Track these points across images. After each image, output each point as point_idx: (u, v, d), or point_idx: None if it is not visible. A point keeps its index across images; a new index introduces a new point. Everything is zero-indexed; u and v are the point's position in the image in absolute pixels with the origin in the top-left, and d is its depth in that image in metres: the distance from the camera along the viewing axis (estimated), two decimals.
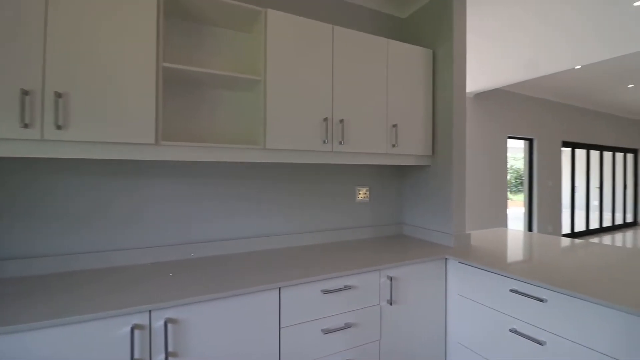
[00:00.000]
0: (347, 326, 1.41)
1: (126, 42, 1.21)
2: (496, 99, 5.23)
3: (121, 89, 1.21)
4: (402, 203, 2.29)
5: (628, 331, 1.03)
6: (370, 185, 2.17)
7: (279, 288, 1.27)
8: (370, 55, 1.76)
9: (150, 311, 1.05)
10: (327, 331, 1.36)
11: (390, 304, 1.53)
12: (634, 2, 2.30)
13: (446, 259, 1.72)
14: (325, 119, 1.60)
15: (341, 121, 1.65)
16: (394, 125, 1.83)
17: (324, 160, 1.66)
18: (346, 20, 2.08)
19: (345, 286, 1.41)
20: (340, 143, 1.65)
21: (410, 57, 1.92)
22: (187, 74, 1.42)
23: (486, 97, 5.08)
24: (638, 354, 1.01)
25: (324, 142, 1.61)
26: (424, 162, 2.02)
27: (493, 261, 1.56)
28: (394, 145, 1.84)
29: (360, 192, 2.13)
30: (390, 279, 1.53)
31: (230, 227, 1.71)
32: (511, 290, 1.37)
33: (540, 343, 1.26)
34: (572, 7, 2.37)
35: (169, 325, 1.08)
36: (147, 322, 1.05)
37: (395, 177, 2.27)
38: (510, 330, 1.37)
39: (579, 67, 3.88)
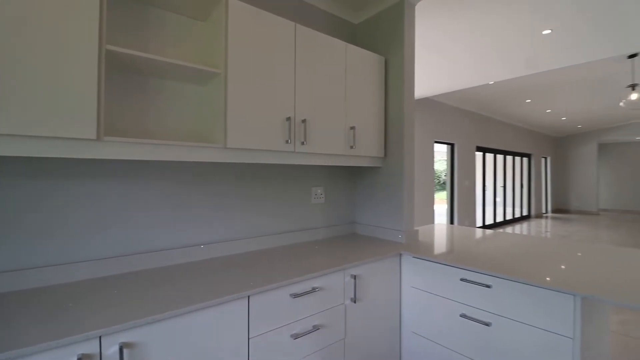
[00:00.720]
0: (316, 328, 1.40)
1: (62, 16, 1.01)
2: (425, 107, 5.77)
3: (56, 71, 1.00)
4: (355, 202, 2.36)
5: (560, 308, 1.22)
6: (325, 186, 2.19)
7: (248, 296, 1.19)
8: (331, 57, 1.78)
9: (100, 337, 0.90)
10: (296, 336, 1.33)
11: (354, 302, 1.57)
12: (543, 30, 2.75)
13: (401, 254, 1.82)
14: (288, 119, 1.57)
15: (303, 121, 1.63)
16: (352, 128, 1.88)
17: (287, 161, 1.62)
18: (305, 20, 2.07)
19: (313, 288, 1.40)
20: (303, 143, 1.63)
21: (366, 63, 1.99)
22: (135, 61, 1.25)
23: (417, 104, 5.56)
24: (568, 327, 1.20)
25: (287, 142, 1.57)
26: (378, 163, 2.12)
27: (443, 254, 1.71)
28: (351, 147, 1.89)
29: (316, 193, 2.13)
30: (354, 277, 1.57)
31: (185, 234, 1.56)
32: (461, 279, 1.52)
33: (487, 324, 1.42)
34: (483, 34, 2.73)
35: (125, 351, 0.93)
36: (98, 350, 0.89)
37: (349, 177, 2.33)
38: (461, 316, 1.52)
39: (492, 82, 4.49)
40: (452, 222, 6.56)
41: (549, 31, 2.77)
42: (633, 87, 4.80)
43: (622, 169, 10.47)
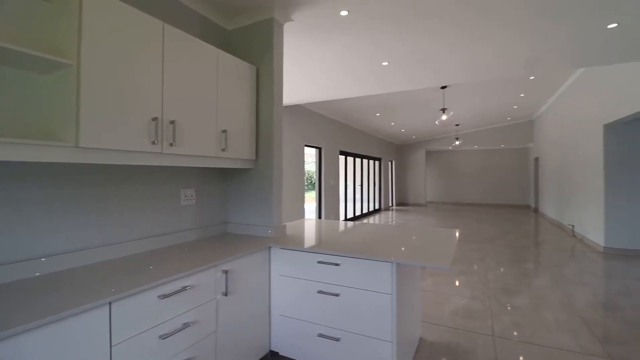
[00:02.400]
0: (186, 326, 1.44)
1: None
2: (298, 113, 6.25)
3: None
4: (227, 203, 2.44)
5: (384, 273, 1.65)
6: (196, 188, 2.19)
7: (109, 303, 1.15)
8: (203, 61, 1.82)
9: None
10: (165, 336, 1.34)
11: (226, 295, 1.67)
12: (382, 61, 3.46)
13: (270, 247, 2.02)
14: (155, 119, 1.54)
15: (172, 122, 1.62)
16: (224, 131, 1.97)
17: (153, 162, 1.58)
18: (176, 20, 2.02)
19: (183, 287, 1.43)
20: (171, 145, 1.63)
21: (239, 70, 2.11)
22: None
23: (290, 110, 5.97)
24: (388, 286, 1.64)
25: (154, 142, 1.54)
26: (249, 165, 2.26)
27: (305, 243, 2.00)
28: (223, 150, 1.97)
29: (186, 195, 2.11)
30: (226, 272, 1.67)
31: (38, 243, 1.32)
32: (318, 262, 1.83)
33: (336, 295, 1.77)
34: (338, 59, 3.27)
35: None
36: None
37: (221, 178, 2.39)
38: (318, 292, 1.83)
39: (351, 97, 5.27)
40: (320, 217, 7.31)
41: (387, 63, 3.52)
42: (443, 110, 6.49)
43: (441, 171, 13.84)
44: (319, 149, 7.34)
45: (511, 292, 3.41)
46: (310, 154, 7.27)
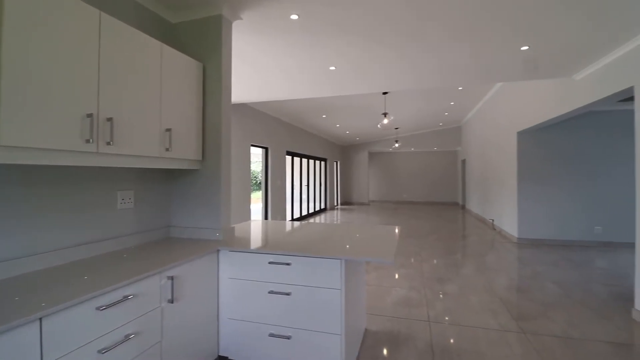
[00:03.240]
0: (128, 338, 1.35)
1: None
2: (244, 112, 6.11)
3: None
4: (171, 206, 2.31)
5: (333, 270, 1.73)
6: (135, 190, 2.05)
7: (40, 319, 1.03)
8: (145, 56, 1.71)
9: None
10: (105, 350, 1.24)
11: (172, 302, 1.60)
12: (330, 66, 3.57)
13: (218, 250, 1.98)
14: (90, 115, 1.41)
15: (110, 119, 1.50)
16: (168, 130, 1.87)
17: (87, 163, 1.44)
18: (114, 9, 1.86)
19: (124, 297, 1.34)
20: (109, 144, 1.50)
21: (184, 67, 2.02)
22: None
23: (236, 109, 5.81)
24: (337, 282, 1.72)
25: (88, 141, 1.41)
26: (195, 165, 2.18)
27: (255, 244, 2.00)
28: (167, 149, 1.87)
29: (123, 198, 1.96)
30: (171, 278, 1.60)
31: None
32: (269, 262, 1.84)
33: (287, 294, 1.81)
34: (288, 62, 3.32)
35: None
36: None
37: (163, 180, 2.26)
38: (269, 292, 1.85)
39: (305, 97, 5.31)
40: (266, 217, 7.24)
41: (334, 68, 3.65)
42: (385, 114, 6.89)
43: (383, 171, 14.62)
44: (266, 149, 7.26)
45: (443, 280, 3.78)
46: (256, 154, 7.16)
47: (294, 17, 2.43)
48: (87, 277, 1.37)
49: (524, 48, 3.06)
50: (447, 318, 2.78)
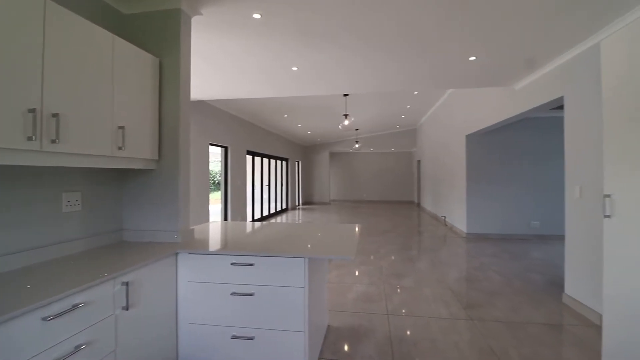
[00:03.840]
0: (78, 349, 1.26)
1: None
2: (202, 110, 5.90)
3: None
4: (123, 207, 2.18)
5: (297, 268, 1.76)
6: (82, 191, 1.90)
7: None
8: (95, 48, 1.60)
9: None
10: None
11: (127, 309, 1.52)
12: (292, 66, 3.58)
13: (177, 253, 1.91)
14: (33, 110, 1.29)
15: (55, 115, 1.39)
16: (121, 127, 1.77)
17: (31, 162, 1.32)
18: None
19: (73, 305, 1.25)
20: (54, 142, 1.39)
21: (139, 61, 1.92)
22: None
23: (194, 107, 5.59)
24: (301, 280, 1.75)
25: (31, 138, 1.29)
26: (151, 165, 2.08)
27: (216, 246, 1.96)
28: (120, 148, 1.77)
29: (69, 199, 1.82)
30: (126, 284, 1.52)
31: None
32: (232, 264, 1.82)
33: (251, 294, 1.80)
34: (249, 62, 3.29)
35: None
36: None
37: (114, 180, 2.13)
38: (231, 294, 1.82)
39: (267, 96, 5.25)
40: (226, 219, 7.06)
41: (296, 68, 3.67)
42: (345, 115, 7.05)
43: (343, 171, 14.92)
44: (225, 148, 7.07)
45: (400, 275, 3.98)
46: (215, 153, 6.95)
47: (257, 16, 2.41)
48: (29, 287, 1.26)
49: (472, 58, 3.32)
50: (404, 310, 2.94)
